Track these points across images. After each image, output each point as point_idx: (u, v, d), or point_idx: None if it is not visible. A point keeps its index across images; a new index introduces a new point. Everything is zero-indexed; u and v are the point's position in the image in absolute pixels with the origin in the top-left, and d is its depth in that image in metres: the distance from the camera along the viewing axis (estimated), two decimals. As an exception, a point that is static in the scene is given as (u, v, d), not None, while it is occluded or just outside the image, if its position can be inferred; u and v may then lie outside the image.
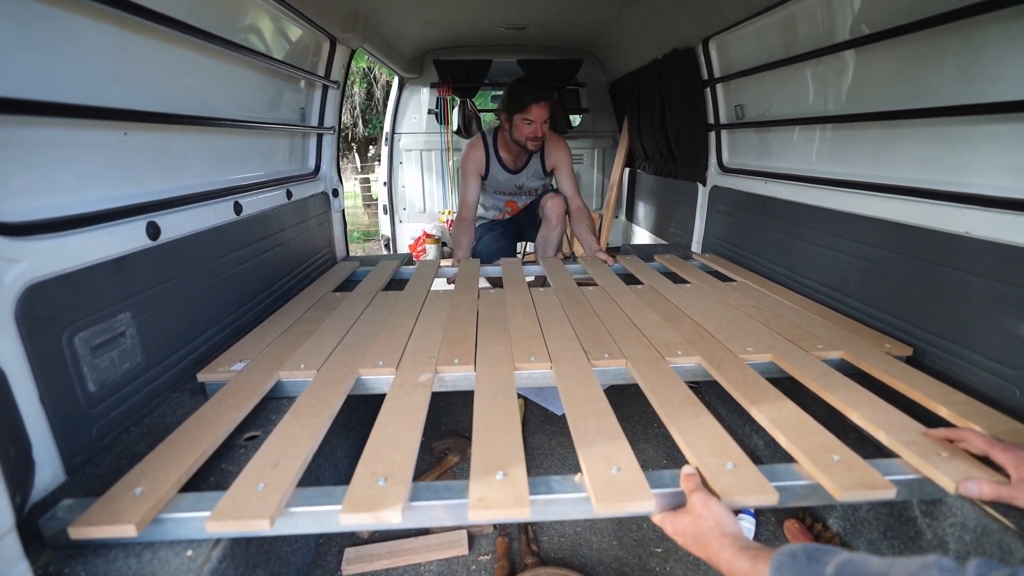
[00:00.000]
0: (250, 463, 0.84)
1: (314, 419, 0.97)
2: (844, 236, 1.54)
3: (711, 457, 0.84)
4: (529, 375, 1.18)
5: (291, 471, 0.82)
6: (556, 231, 2.42)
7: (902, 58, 1.34)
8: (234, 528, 0.73)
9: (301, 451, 0.87)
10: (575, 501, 0.80)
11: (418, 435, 0.91)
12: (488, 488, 0.77)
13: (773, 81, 1.94)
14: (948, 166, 1.23)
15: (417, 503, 0.78)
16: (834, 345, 1.25)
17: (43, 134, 0.95)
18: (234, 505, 0.75)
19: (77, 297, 0.95)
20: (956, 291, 1.17)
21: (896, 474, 0.82)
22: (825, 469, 0.80)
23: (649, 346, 1.27)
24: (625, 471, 0.81)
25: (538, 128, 2.21)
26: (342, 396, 1.06)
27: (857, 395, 1.02)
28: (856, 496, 0.77)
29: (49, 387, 0.87)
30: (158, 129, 1.25)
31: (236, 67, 1.61)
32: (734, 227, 2.27)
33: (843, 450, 0.84)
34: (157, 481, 0.81)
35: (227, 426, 0.97)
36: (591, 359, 1.20)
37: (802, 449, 0.85)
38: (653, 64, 2.75)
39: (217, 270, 1.42)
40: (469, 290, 1.77)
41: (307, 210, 2.11)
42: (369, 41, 2.50)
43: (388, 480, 0.78)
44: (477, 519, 0.74)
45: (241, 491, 0.78)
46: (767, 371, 1.19)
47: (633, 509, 0.76)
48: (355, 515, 0.73)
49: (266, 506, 0.75)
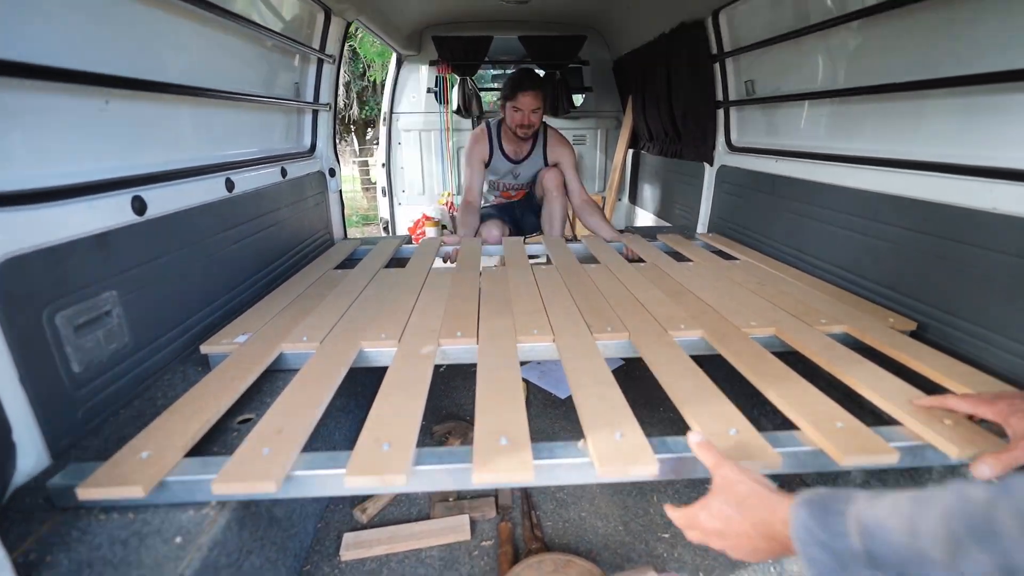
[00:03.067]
0: (254, 430, 0.84)
1: (317, 389, 0.97)
2: (859, 214, 1.49)
3: (713, 423, 0.83)
4: (532, 348, 1.18)
5: (296, 437, 0.82)
6: (558, 202, 2.43)
7: (929, 24, 1.27)
8: (240, 490, 0.73)
9: (305, 419, 0.87)
10: (579, 466, 0.79)
11: (421, 405, 0.90)
12: (492, 453, 0.77)
13: (787, 54, 1.86)
14: (976, 139, 1.17)
15: (421, 467, 0.77)
16: (838, 320, 1.25)
17: (14, 99, 0.89)
18: (240, 468, 0.75)
19: (58, 273, 0.90)
20: (978, 270, 1.12)
21: (899, 440, 0.81)
22: (828, 435, 0.80)
23: (652, 320, 1.27)
24: (628, 437, 0.81)
25: (526, 116, 2.28)
26: (345, 367, 1.06)
27: (861, 367, 1.01)
28: (858, 461, 0.77)
29: (29, 367, 0.83)
30: (143, 98, 1.19)
31: (226, 36, 1.53)
32: (742, 207, 2.21)
33: (847, 417, 0.84)
34: (163, 446, 0.82)
35: (231, 396, 0.96)
36: (593, 332, 1.20)
37: (805, 416, 0.85)
38: (659, 39, 2.67)
39: (209, 248, 1.37)
40: (471, 267, 1.77)
41: (303, 189, 2.05)
42: (365, 14, 2.41)
43: (392, 445, 0.78)
44: (481, 482, 0.74)
45: (247, 455, 0.78)
46: (770, 345, 1.19)
47: (637, 473, 0.76)
48: (361, 478, 0.73)
49: (271, 469, 0.74)
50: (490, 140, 2.47)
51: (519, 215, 2.69)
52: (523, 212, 2.70)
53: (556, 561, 1.07)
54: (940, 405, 0.85)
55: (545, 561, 1.07)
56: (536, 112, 2.29)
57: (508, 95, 2.28)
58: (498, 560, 1.11)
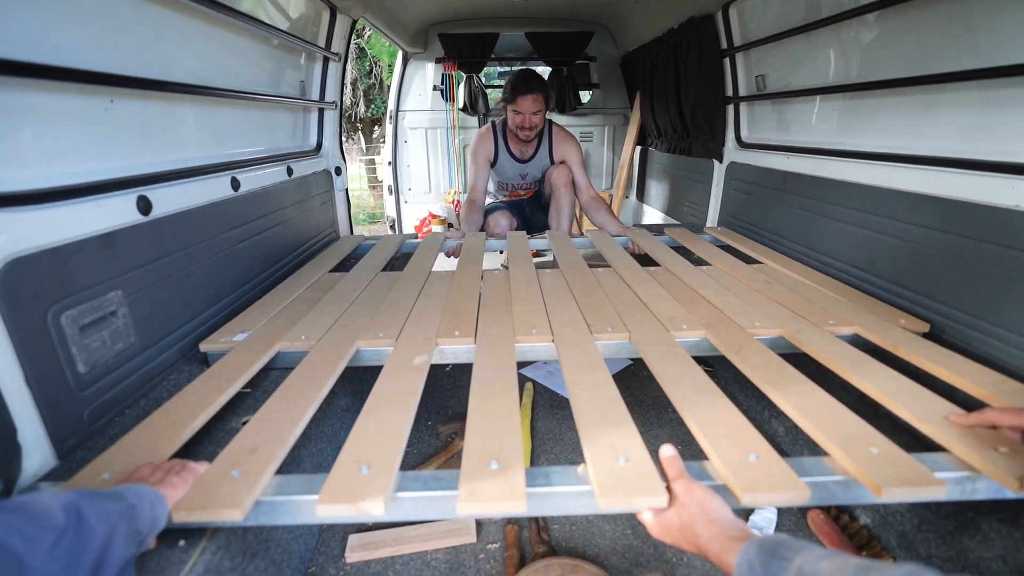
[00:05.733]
0: (226, 448, 0.80)
1: (301, 401, 0.92)
2: (873, 211, 1.45)
3: (731, 448, 0.76)
4: (530, 348, 1.16)
5: (269, 458, 0.77)
6: (566, 199, 2.42)
7: (945, 15, 1.24)
8: (202, 517, 0.68)
9: (290, 428, 0.84)
10: (577, 495, 0.73)
11: (409, 420, 0.85)
12: (481, 479, 0.71)
13: (799, 48, 1.83)
14: (997, 133, 1.13)
15: (402, 494, 0.72)
16: (848, 321, 1.22)
17: (19, 98, 0.88)
18: (202, 494, 0.70)
19: (63, 273, 0.89)
20: (1000, 270, 1.08)
21: (945, 470, 0.74)
22: (864, 463, 0.72)
23: (653, 320, 1.25)
24: (633, 462, 0.74)
25: (527, 119, 2.28)
26: (340, 368, 1.04)
27: (883, 374, 0.96)
28: (901, 495, 0.69)
29: (35, 368, 0.83)
30: (148, 97, 1.19)
31: (232, 34, 1.53)
32: (752, 205, 2.18)
33: (882, 441, 0.77)
34: (149, 448, 0.80)
35: (226, 394, 0.96)
36: (593, 332, 1.18)
37: (834, 440, 0.77)
38: (668, 34, 2.63)
39: (214, 248, 1.36)
40: (473, 263, 1.77)
41: (309, 188, 2.05)
42: (371, 11, 2.40)
43: (372, 468, 0.73)
44: (466, 513, 0.68)
45: (213, 477, 0.73)
46: (776, 346, 1.16)
47: (642, 505, 0.70)
48: (333, 506, 0.67)
49: (238, 494, 0.69)
50: (495, 140, 2.47)
51: (528, 213, 2.69)
52: (532, 211, 2.69)
53: (564, 566, 1.06)
54: (982, 422, 0.77)
55: (552, 566, 1.06)
56: (537, 114, 2.29)
57: (508, 98, 2.28)
58: (504, 564, 1.10)
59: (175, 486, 0.69)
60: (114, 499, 0.60)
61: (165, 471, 0.72)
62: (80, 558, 0.51)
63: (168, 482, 0.69)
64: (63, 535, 0.51)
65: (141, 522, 0.61)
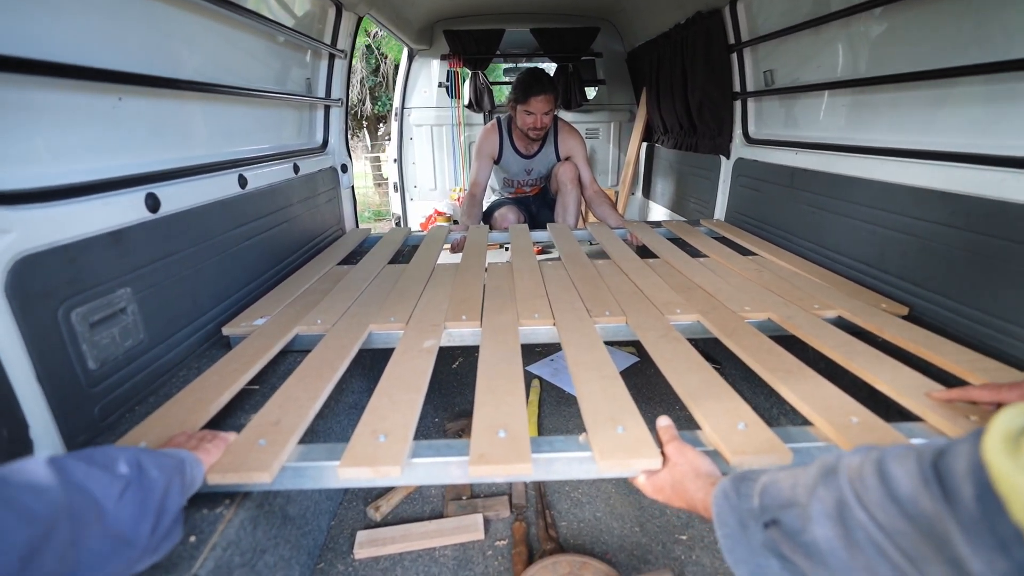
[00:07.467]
0: (252, 421, 0.85)
1: (319, 381, 0.97)
2: (884, 207, 1.44)
3: (722, 418, 0.81)
4: (533, 331, 1.23)
5: (293, 428, 0.82)
6: (572, 195, 2.43)
7: (954, 9, 1.22)
8: (234, 480, 0.73)
9: (310, 403, 0.89)
10: (579, 460, 0.78)
11: (420, 397, 0.90)
12: (489, 446, 0.76)
13: (808, 42, 1.81)
14: (1012, 128, 1.11)
15: (417, 459, 0.77)
16: (853, 313, 1.24)
17: (29, 96, 0.89)
18: (234, 459, 0.75)
19: (72, 271, 0.90)
20: (1012, 265, 1.07)
21: (920, 437, 0.78)
22: (843, 430, 0.77)
23: (651, 306, 1.30)
24: (631, 430, 0.79)
25: (538, 119, 2.28)
26: (354, 349, 1.09)
27: (880, 362, 0.99)
28: None
29: (46, 365, 0.83)
30: (155, 95, 1.19)
31: (238, 32, 1.53)
32: (759, 201, 2.16)
33: (862, 411, 0.81)
34: (180, 422, 0.85)
35: (248, 372, 1.01)
36: (593, 316, 1.23)
37: (817, 410, 0.82)
38: (675, 30, 2.61)
39: (222, 245, 1.37)
40: (477, 255, 1.82)
41: (315, 185, 2.05)
42: (376, 8, 2.39)
43: (388, 437, 0.78)
44: (477, 476, 0.73)
45: (243, 445, 0.78)
46: (765, 328, 1.19)
47: (638, 467, 0.74)
48: (353, 469, 0.73)
49: (265, 460, 0.74)
50: (500, 136, 2.47)
51: (535, 210, 2.69)
52: (539, 208, 2.69)
53: (572, 563, 1.06)
54: (963, 398, 0.81)
55: (560, 563, 1.06)
56: (548, 114, 2.29)
57: (519, 99, 2.27)
58: (512, 560, 1.10)
59: (209, 452, 0.75)
60: (167, 456, 0.65)
61: (199, 439, 0.77)
62: (145, 505, 0.57)
63: (203, 448, 0.75)
64: (129, 484, 0.56)
65: (189, 478, 0.66)
